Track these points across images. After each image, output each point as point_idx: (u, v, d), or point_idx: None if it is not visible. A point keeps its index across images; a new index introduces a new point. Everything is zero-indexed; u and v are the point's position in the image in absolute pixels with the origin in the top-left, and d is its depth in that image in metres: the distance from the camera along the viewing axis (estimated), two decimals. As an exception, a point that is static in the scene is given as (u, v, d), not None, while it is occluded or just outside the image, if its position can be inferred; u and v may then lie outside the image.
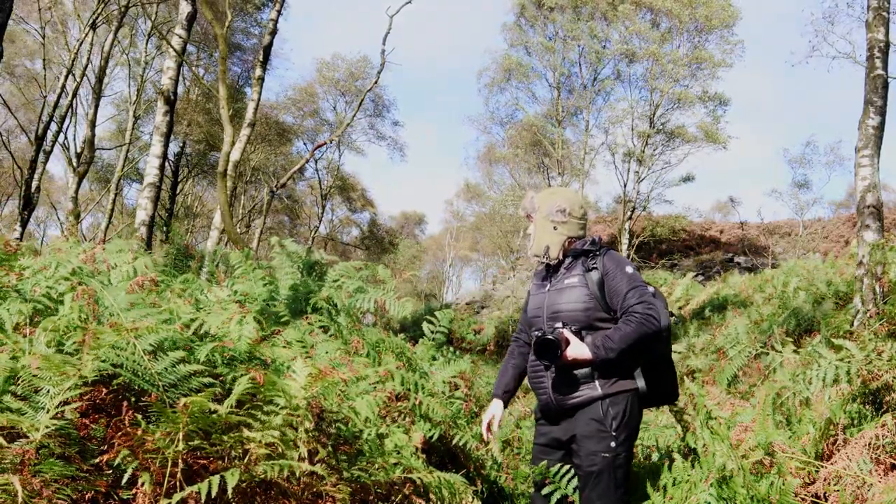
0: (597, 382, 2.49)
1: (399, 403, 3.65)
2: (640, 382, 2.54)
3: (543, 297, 2.68)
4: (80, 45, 16.00)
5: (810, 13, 44.86)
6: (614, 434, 2.45)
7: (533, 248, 2.69)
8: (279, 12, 13.03)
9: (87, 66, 16.83)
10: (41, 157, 15.75)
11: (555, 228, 2.66)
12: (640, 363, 2.57)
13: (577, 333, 2.53)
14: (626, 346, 2.42)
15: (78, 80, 16.85)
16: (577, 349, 2.46)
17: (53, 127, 16.36)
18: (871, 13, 7.12)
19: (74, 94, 17.26)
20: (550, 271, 2.73)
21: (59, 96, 16.01)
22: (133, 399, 2.22)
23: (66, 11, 19.14)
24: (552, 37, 24.40)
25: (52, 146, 16.96)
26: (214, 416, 1.98)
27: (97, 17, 15.33)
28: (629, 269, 2.54)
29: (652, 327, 2.43)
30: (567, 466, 2.61)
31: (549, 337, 2.45)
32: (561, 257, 2.67)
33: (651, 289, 2.66)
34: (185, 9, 9.29)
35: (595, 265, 2.58)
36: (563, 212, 2.67)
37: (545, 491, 2.63)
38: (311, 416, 2.30)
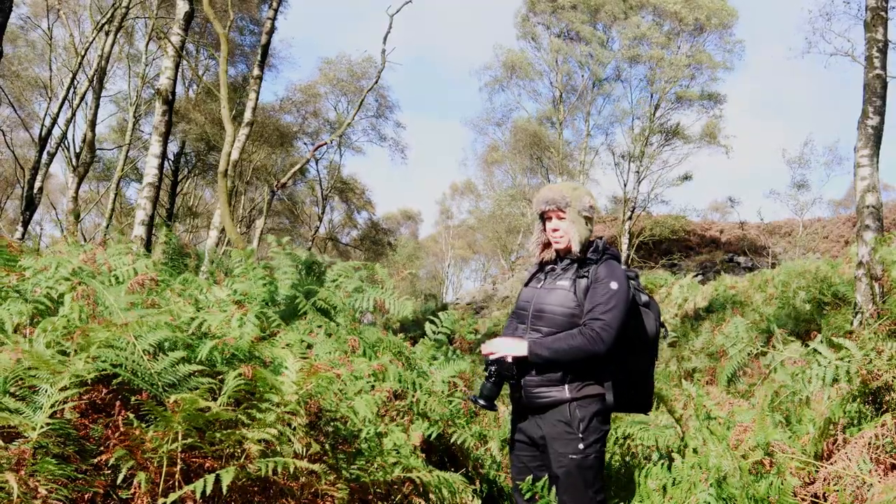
0: (566, 386, 2.51)
1: (398, 402, 3.65)
2: (609, 395, 2.53)
3: (534, 292, 2.68)
4: (87, 49, 16.01)
5: (808, 10, 44.81)
6: (581, 436, 2.47)
7: (574, 243, 2.62)
8: (276, 10, 13.03)
9: (95, 72, 16.82)
10: (44, 158, 15.78)
11: (586, 224, 2.66)
12: (613, 374, 2.56)
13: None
14: (560, 355, 2.45)
15: (86, 84, 16.84)
16: (511, 345, 2.54)
17: (57, 129, 16.39)
18: (869, 13, 7.12)
19: (82, 99, 17.26)
20: (547, 268, 2.73)
21: (64, 99, 16.01)
22: (132, 399, 2.22)
23: (76, 9, 19.16)
24: (560, 34, 24.45)
25: (57, 148, 16.96)
26: (207, 413, 1.98)
27: (107, 22, 15.35)
28: (614, 285, 2.50)
29: (595, 348, 2.42)
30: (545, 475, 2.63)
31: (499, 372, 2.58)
32: (580, 254, 2.64)
33: (644, 297, 2.67)
34: (182, 8, 9.28)
35: (586, 273, 2.58)
36: (592, 208, 2.69)
37: (527, 496, 2.64)
38: (304, 411, 2.30)
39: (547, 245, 2.78)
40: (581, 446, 2.47)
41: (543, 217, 2.73)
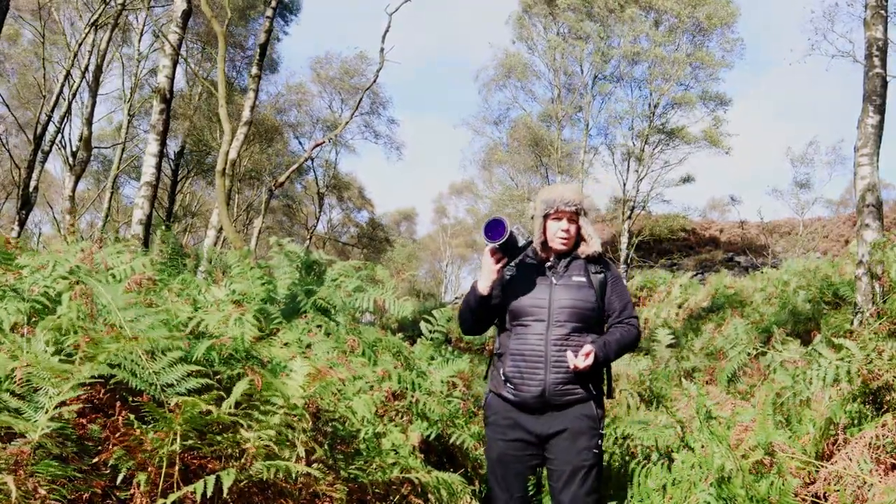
0: (589, 384, 2.63)
1: (396, 402, 3.63)
2: (609, 391, 2.80)
3: (548, 289, 2.65)
4: (80, 45, 15.98)
5: (811, 11, 44.92)
6: (602, 432, 2.64)
7: (595, 244, 2.76)
8: (275, 10, 13.00)
9: (86, 68, 16.79)
10: (39, 156, 15.75)
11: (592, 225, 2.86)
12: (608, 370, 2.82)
13: (577, 332, 2.61)
14: (622, 349, 2.66)
15: (77, 81, 16.81)
16: (586, 354, 2.57)
17: (51, 126, 16.37)
18: (869, 11, 7.12)
19: (74, 95, 17.23)
20: (546, 266, 2.72)
21: (58, 96, 15.98)
22: (130, 398, 2.20)
23: (65, 13, 19.11)
24: (558, 33, 24.35)
25: (51, 146, 16.93)
26: (209, 416, 1.97)
27: (98, 18, 15.32)
28: (624, 282, 2.85)
29: (639, 338, 2.73)
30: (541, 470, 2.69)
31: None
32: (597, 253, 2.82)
33: None
34: (180, 6, 9.24)
35: (602, 270, 2.73)
36: (594, 210, 2.83)
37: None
38: (308, 415, 2.29)
39: (543, 244, 2.75)
40: (600, 442, 2.61)
41: (549, 216, 2.72)
